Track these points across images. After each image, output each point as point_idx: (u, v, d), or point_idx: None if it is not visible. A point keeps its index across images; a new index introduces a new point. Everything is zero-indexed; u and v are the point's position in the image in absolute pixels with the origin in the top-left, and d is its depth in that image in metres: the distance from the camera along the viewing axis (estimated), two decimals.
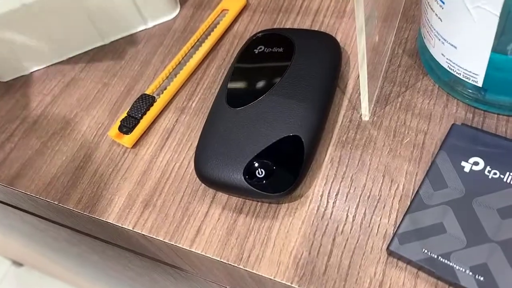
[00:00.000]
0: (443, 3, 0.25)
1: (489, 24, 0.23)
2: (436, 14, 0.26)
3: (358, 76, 0.33)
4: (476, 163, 0.26)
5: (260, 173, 0.28)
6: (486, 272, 0.23)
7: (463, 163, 0.26)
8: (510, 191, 0.25)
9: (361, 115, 0.30)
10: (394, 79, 0.32)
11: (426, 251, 0.24)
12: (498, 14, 0.22)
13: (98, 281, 0.75)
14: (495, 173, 0.26)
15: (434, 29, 0.27)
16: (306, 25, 0.37)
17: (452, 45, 0.26)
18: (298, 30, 0.34)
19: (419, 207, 0.26)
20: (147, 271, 0.48)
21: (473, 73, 0.26)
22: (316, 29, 0.36)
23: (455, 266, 0.23)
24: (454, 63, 0.27)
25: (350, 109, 0.31)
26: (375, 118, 0.30)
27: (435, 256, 0.24)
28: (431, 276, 0.24)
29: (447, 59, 0.28)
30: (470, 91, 0.28)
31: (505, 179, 0.25)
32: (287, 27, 0.37)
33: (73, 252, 0.57)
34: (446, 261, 0.24)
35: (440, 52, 0.28)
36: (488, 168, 0.26)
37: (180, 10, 0.41)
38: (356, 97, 0.32)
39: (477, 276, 0.23)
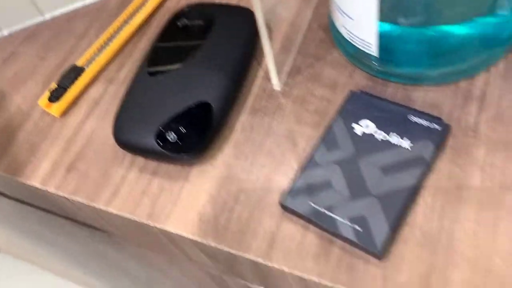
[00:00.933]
0: None
1: None
2: None
3: (280, 49, 0.34)
4: (366, 126, 0.28)
5: (171, 136, 0.29)
6: (363, 222, 0.25)
7: (355, 126, 0.28)
8: (394, 151, 0.27)
9: (273, 85, 0.32)
10: (307, 52, 0.33)
11: (313, 204, 0.26)
12: None
13: (38, 250, 0.76)
14: (382, 135, 0.28)
15: (335, 3, 0.29)
16: (234, 1, 0.38)
17: (349, 16, 0.28)
18: (219, 5, 0.36)
19: (312, 166, 0.28)
20: (84, 239, 0.49)
21: (368, 43, 0.28)
22: (237, 5, 0.37)
23: (337, 217, 0.25)
24: (353, 34, 0.29)
25: (265, 80, 0.33)
26: (286, 88, 0.32)
27: (321, 209, 0.26)
28: (317, 227, 0.26)
29: (347, 30, 0.29)
30: (371, 62, 0.30)
31: (391, 140, 0.27)
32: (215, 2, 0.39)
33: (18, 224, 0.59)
34: (329, 213, 0.26)
35: (342, 25, 0.30)
36: (376, 130, 0.28)
37: None
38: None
39: (354, 226, 0.25)
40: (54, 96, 0.35)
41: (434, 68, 0.29)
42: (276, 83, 0.32)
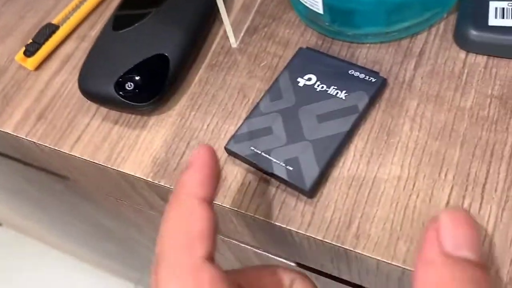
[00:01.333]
0: None
1: None
2: None
3: (239, 10, 0.36)
4: (309, 79, 0.30)
5: (129, 86, 0.31)
6: (296, 163, 0.27)
7: (299, 79, 0.30)
8: (331, 101, 0.29)
9: (230, 43, 0.34)
10: (264, 12, 0.35)
11: (253, 148, 0.28)
12: None
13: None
14: (322, 87, 0.29)
15: None
16: None
17: None
18: None
19: (256, 114, 0.30)
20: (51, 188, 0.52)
21: (315, 1, 0.30)
22: None
23: (273, 159, 0.28)
24: None
25: (224, 38, 0.35)
26: (242, 45, 0.34)
27: (259, 152, 0.28)
28: (256, 169, 0.28)
29: None
30: (321, 21, 0.32)
31: (329, 91, 0.29)
32: None
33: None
34: (267, 155, 0.28)
35: None
36: (318, 82, 0.30)
37: None
38: (232, 28, 0.35)
39: (288, 167, 0.27)
40: (29, 51, 0.37)
41: (377, 27, 0.31)
42: (233, 41, 0.34)
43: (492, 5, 0.29)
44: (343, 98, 0.29)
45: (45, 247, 1.20)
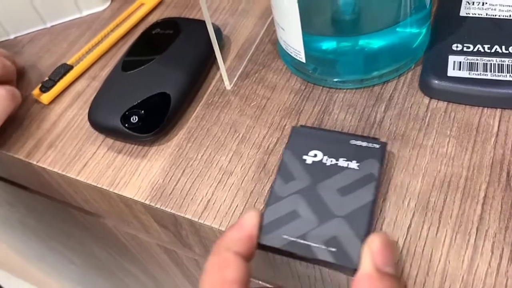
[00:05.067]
0: None
1: (293, 7, 0.31)
2: (271, 3, 0.35)
3: (234, 57, 0.41)
4: (315, 155, 0.31)
5: (134, 119, 0.35)
6: (337, 242, 0.27)
7: (304, 157, 0.31)
8: (344, 173, 0.30)
9: (225, 85, 0.39)
10: (256, 61, 0.40)
11: (286, 236, 0.28)
12: (296, 0, 0.31)
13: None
14: (331, 161, 0.30)
15: (274, 17, 0.36)
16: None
17: (282, 27, 0.35)
18: (188, 18, 0.43)
19: (275, 200, 0.29)
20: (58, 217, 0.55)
21: (298, 51, 0.35)
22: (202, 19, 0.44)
23: (311, 243, 0.27)
24: (286, 43, 0.35)
25: (220, 81, 0.39)
26: (235, 88, 0.38)
27: (294, 239, 0.28)
28: (295, 258, 0.29)
29: (283, 40, 0.36)
30: (304, 68, 0.36)
31: (339, 164, 0.30)
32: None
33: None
34: (303, 241, 0.27)
35: (280, 36, 0.36)
36: (325, 157, 0.31)
37: (110, 3, 0.50)
38: (227, 73, 0.40)
39: (330, 248, 0.27)
40: (45, 87, 0.41)
41: (354, 75, 0.35)
42: (227, 84, 0.38)
43: (451, 59, 0.34)
44: (357, 168, 0.30)
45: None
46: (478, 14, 0.36)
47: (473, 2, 0.37)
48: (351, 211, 0.28)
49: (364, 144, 0.31)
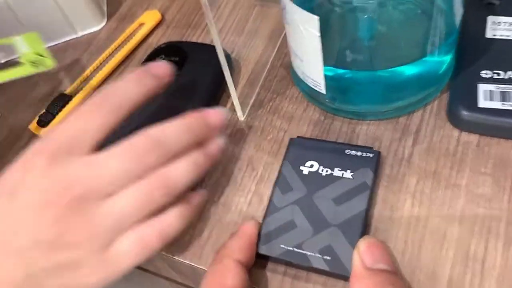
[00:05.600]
0: (288, 24, 0.31)
1: (315, 42, 0.29)
2: (287, 32, 0.32)
3: (245, 84, 0.38)
4: (311, 166, 0.31)
5: None
6: (331, 251, 0.28)
7: (301, 168, 0.31)
8: (339, 182, 0.30)
9: (238, 116, 0.36)
10: (269, 88, 0.37)
11: (283, 246, 0.28)
12: (318, 34, 0.28)
13: None
14: (327, 171, 0.31)
15: (290, 45, 0.33)
16: (209, 40, 0.42)
17: (300, 58, 0.32)
18: (193, 43, 0.40)
19: (273, 211, 0.30)
20: None
21: (317, 82, 0.32)
22: (209, 43, 0.41)
23: (307, 252, 0.28)
24: (304, 74, 0.33)
25: (232, 111, 0.37)
26: (249, 118, 0.36)
27: (291, 248, 0.28)
28: (292, 266, 0.29)
29: (301, 71, 0.33)
30: (322, 99, 0.34)
31: (334, 174, 0.31)
32: (193, 41, 0.43)
33: None
34: (299, 250, 0.28)
35: (296, 65, 0.34)
36: (321, 167, 0.31)
37: (106, 23, 0.47)
38: (239, 102, 0.37)
39: (324, 257, 0.28)
40: (43, 121, 0.39)
41: (377, 105, 0.33)
42: (240, 114, 0.36)
43: (481, 88, 0.32)
44: (351, 177, 0.30)
45: None
46: (506, 36, 0.34)
47: (499, 22, 0.35)
48: (345, 220, 0.29)
49: (359, 153, 0.31)
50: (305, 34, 0.30)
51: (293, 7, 0.29)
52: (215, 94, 0.37)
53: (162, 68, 0.30)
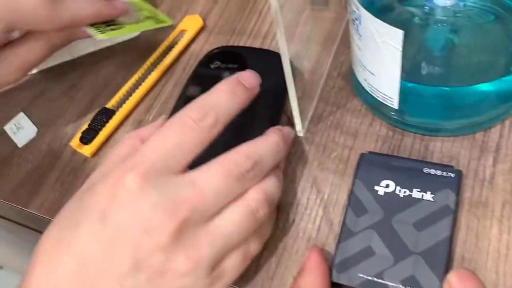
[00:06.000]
0: (361, 35, 0.29)
1: (394, 56, 0.27)
2: (356, 44, 0.30)
3: (302, 95, 0.36)
4: (387, 186, 0.29)
5: None
6: (414, 282, 0.26)
7: (376, 188, 0.29)
8: (419, 205, 0.28)
9: (297, 131, 0.34)
10: (327, 99, 0.35)
11: (362, 275, 0.27)
12: (400, 49, 0.26)
13: None
14: (405, 192, 0.28)
15: (357, 57, 0.31)
16: (257, 44, 0.40)
17: (370, 72, 0.30)
18: (249, 48, 0.38)
19: (348, 236, 0.28)
20: None
21: (390, 97, 0.30)
22: (268, 49, 0.39)
23: (388, 283, 0.26)
24: (374, 88, 0.31)
25: (288, 125, 0.34)
26: (308, 134, 0.34)
27: (371, 278, 0.26)
28: None
29: (368, 84, 0.31)
30: (391, 112, 0.32)
31: (413, 195, 0.28)
32: (247, 46, 0.40)
33: None
34: (380, 280, 0.26)
35: (363, 77, 0.31)
36: (398, 188, 0.29)
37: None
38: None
39: None
40: (86, 138, 0.36)
41: (452, 120, 0.31)
42: (299, 129, 0.34)
43: None
44: (432, 200, 0.28)
45: None
46: None
47: None
48: (428, 247, 0.27)
49: (439, 172, 0.29)
50: (382, 47, 0.27)
51: (372, 20, 0.26)
52: (280, 108, 0.34)
53: (253, 79, 0.28)
